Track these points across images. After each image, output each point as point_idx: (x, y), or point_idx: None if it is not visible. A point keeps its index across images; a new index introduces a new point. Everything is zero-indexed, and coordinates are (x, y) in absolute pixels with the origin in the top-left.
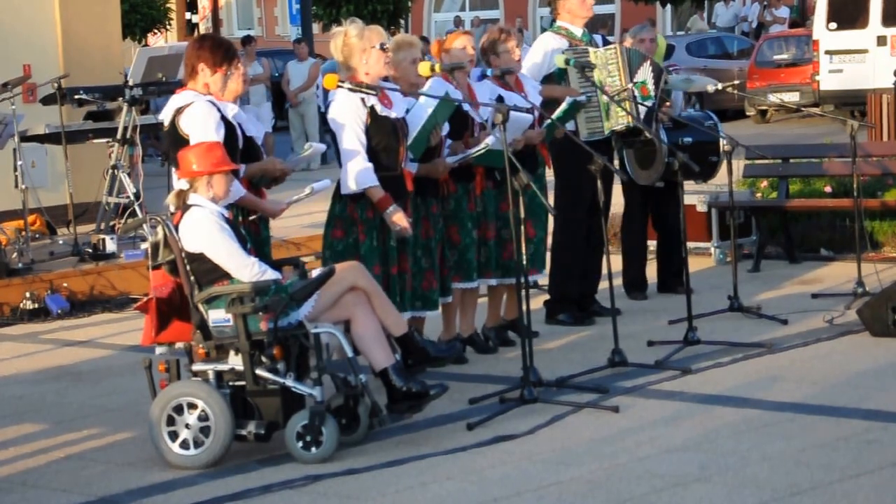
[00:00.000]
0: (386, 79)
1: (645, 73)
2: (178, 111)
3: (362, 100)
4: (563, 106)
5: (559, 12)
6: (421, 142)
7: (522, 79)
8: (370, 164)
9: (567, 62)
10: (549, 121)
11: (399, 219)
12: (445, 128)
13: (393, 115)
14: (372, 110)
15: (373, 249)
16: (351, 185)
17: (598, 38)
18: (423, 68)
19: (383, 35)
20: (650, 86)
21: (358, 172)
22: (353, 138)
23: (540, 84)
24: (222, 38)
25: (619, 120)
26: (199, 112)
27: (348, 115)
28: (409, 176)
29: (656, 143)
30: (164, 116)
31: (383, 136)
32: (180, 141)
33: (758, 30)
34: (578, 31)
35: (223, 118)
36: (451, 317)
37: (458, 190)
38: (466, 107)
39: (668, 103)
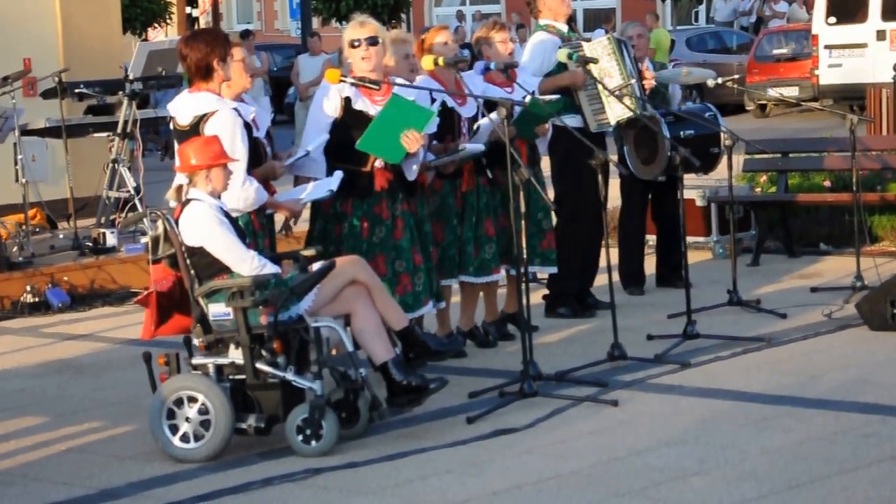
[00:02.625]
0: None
1: (627, 58)
2: (203, 118)
3: (338, 91)
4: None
5: (540, 10)
6: (375, 142)
7: (517, 69)
8: (314, 154)
9: (570, 57)
10: (515, 117)
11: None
12: (433, 127)
13: (373, 111)
14: (346, 102)
15: (343, 245)
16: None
17: (599, 32)
18: (427, 62)
19: (364, 31)
20: (632, 69)
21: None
22: (311, 126)
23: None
24: (212, 28)
25: (624, 112)
26: (226, 123)
27: (320, 105)
28: (381, 174)
29: (658, 134)
30: (179, 115)
31: (355, 129)
32: None
33: (757, 24)
34: (564, 27)
35: (245, 123)
36: (445, 315)
37: (445, 187)
38: (452, 103)
39: (644, 66)
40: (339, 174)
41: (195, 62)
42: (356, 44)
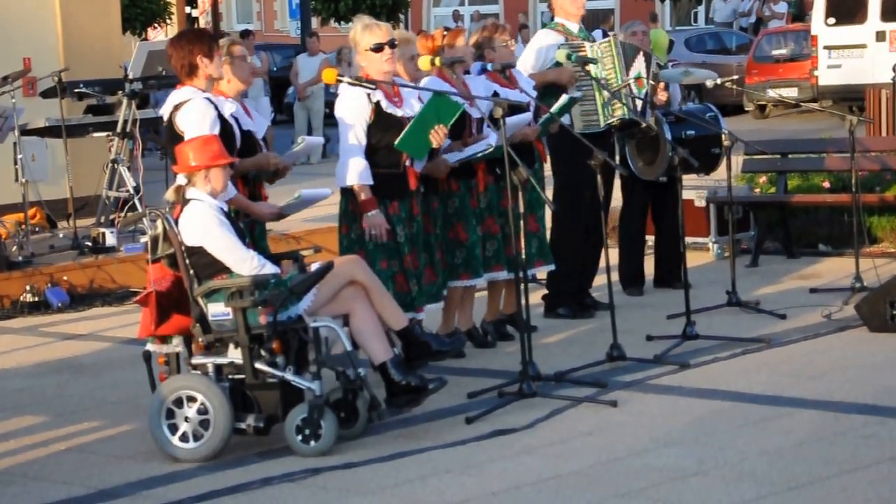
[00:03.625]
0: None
1: (639, 65)
2: (176, 107)
3: (368, 95)
4: (560, 101)
5: (554, 9)
6: (412, 140)
7: (516, 74)
8: (364, 162)
9: (568, 57)
10: (545, 117)
11: (377, 224)
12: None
13: (399, 113)
14: (377, 106)
15: (378, 245)
16: (341, 181)
17: (597, 33)
18: (424, 63)
19: (380, 34)
20: (644, 77)
21: (350, 169)
22: (352, 135)
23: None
24: (193, 28)
25: (616, 113)
26: (194, 109)
27: (352, 111)
28: (413, 174)
29: (659, 135)
30: (164, 112)
31: (386, 133)
32: (176, 137)
33: (756, 25)
34: (574, 27)
35: (220, 115)
36: (451, 312)
37: (461, 188)
38: (464, 103)
39: (661, 86)
40: (326, 192)
41: (179, 61)
42: (379, 48)
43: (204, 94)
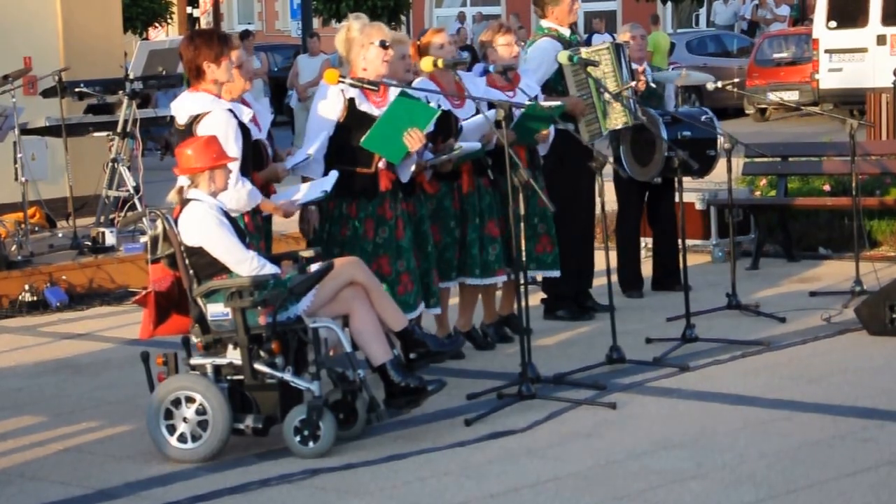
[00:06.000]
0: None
1: (624, 63)
2: (197, 118)
3: (342, 92)
4: (548, 104)
5: (546, 14)
6: (380, 140)
7: (522, 73)
8: (315, 155)
9: (571, 59)
10: (517, 117)
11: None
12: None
13: (376, 112)
14: (350, 103)
15: (344, 247)
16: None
17: (596, 36)
18: (426, 63)
19: (385, 32)
20: (628, 76)
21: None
22: (313, 127)
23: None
24: (209, 29)
25: (619, 120)
26: (219, 123)
27: (323, 106)
28: (385, 175)
29: (655, 136)
30: (178, 115)
31: (359, 131)
32: None
33: (752, 28)
34: (567, 31)
35: (240, 123)
36: (444, 317)
37: (442, 188)
38: (448, 105)
39: (641, 70)
40: (334, 174)
41: (186, 63)
42: (386, 44)
43: (223, 103)
